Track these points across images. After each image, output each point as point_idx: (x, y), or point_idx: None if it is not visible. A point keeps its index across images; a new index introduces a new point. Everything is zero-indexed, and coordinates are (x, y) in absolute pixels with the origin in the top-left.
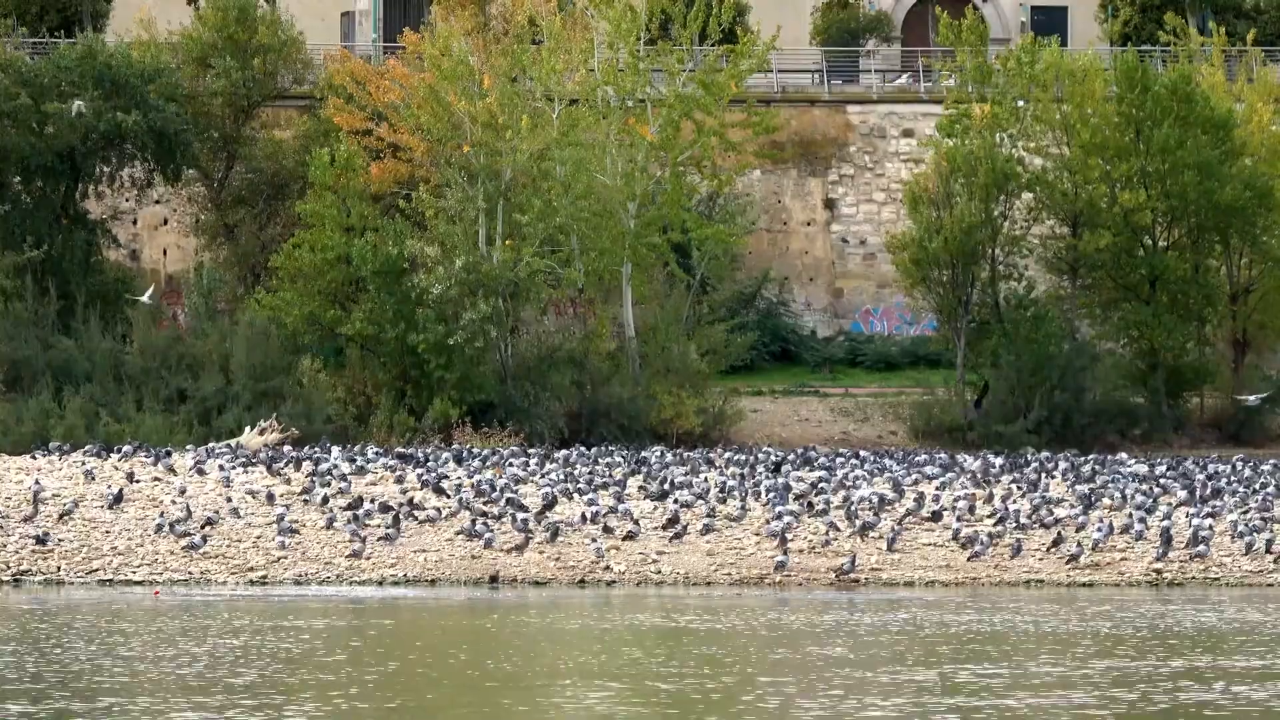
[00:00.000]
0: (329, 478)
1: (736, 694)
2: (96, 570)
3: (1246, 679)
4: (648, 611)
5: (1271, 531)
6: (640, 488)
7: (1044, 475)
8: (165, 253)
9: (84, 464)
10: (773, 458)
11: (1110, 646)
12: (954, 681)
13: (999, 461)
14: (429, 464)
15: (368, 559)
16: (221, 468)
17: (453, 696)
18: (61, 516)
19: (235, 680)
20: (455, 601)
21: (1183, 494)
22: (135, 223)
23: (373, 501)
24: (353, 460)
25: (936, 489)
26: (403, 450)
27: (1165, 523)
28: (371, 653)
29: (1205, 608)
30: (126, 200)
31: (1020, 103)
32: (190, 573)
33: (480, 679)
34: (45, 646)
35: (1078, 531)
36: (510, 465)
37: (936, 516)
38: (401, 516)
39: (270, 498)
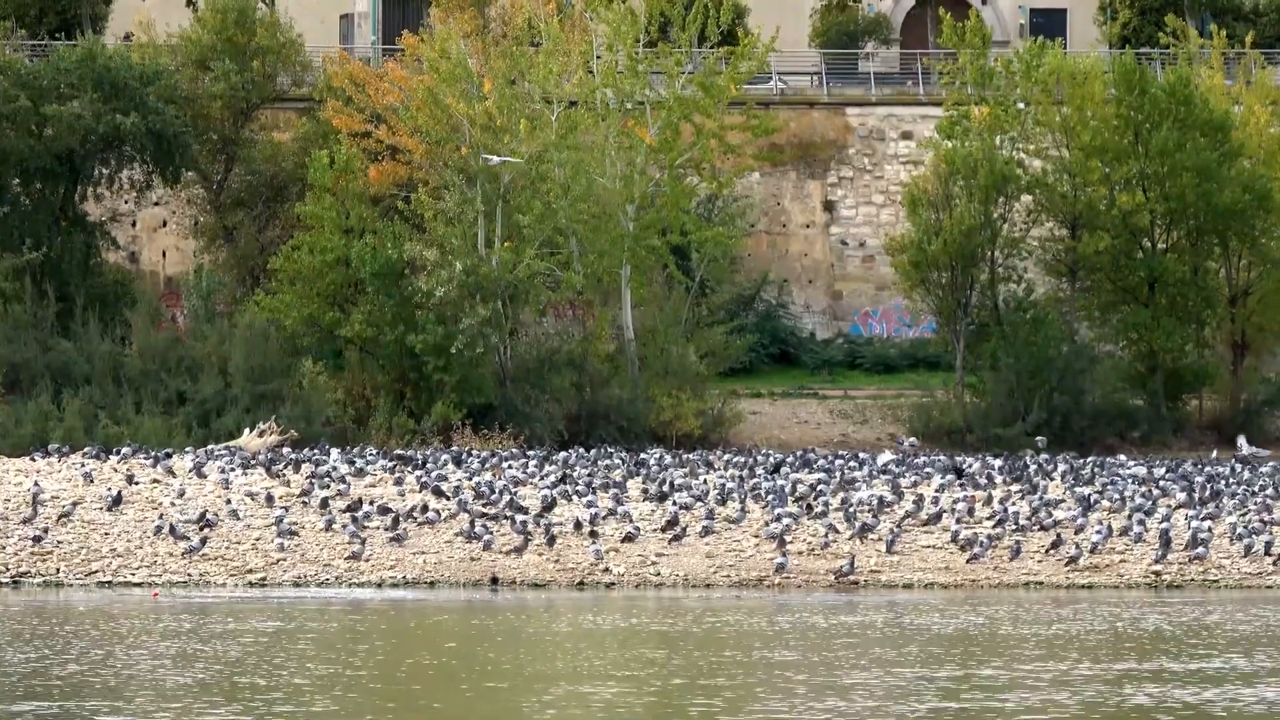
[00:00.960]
0: (328, 480)
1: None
2: (96, 572)
3: (1187, 681)
4: (636, 615)
5: (1270, 534)
6: (643, 489)
7: (1043, 477)
8: (164, 255)
9: (83, 466)
10: (772, 460)
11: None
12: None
13: (998, 463)
14: (428, 466)
15: (367, 561)
16: (221, 470)
17: (452, 697)
18: (60, 518)
19: (235, 681)
20: (455, 603)
21: (1181, 496)
22: (134, 225)
23: (372, 503)
24: (352, 462)
25: (936, 491)
26: (402, 452)
27: (1164, 525)
28: (372, 653)
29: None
30: (125, 202)
31: (1020, 105)
32: (189, 575)
33: (480, 679)
34: (46, 647)
35: (1077, 534)
36: (509, 467)
37: (936, 518)
38: (401, 518)
39: (269, 500)
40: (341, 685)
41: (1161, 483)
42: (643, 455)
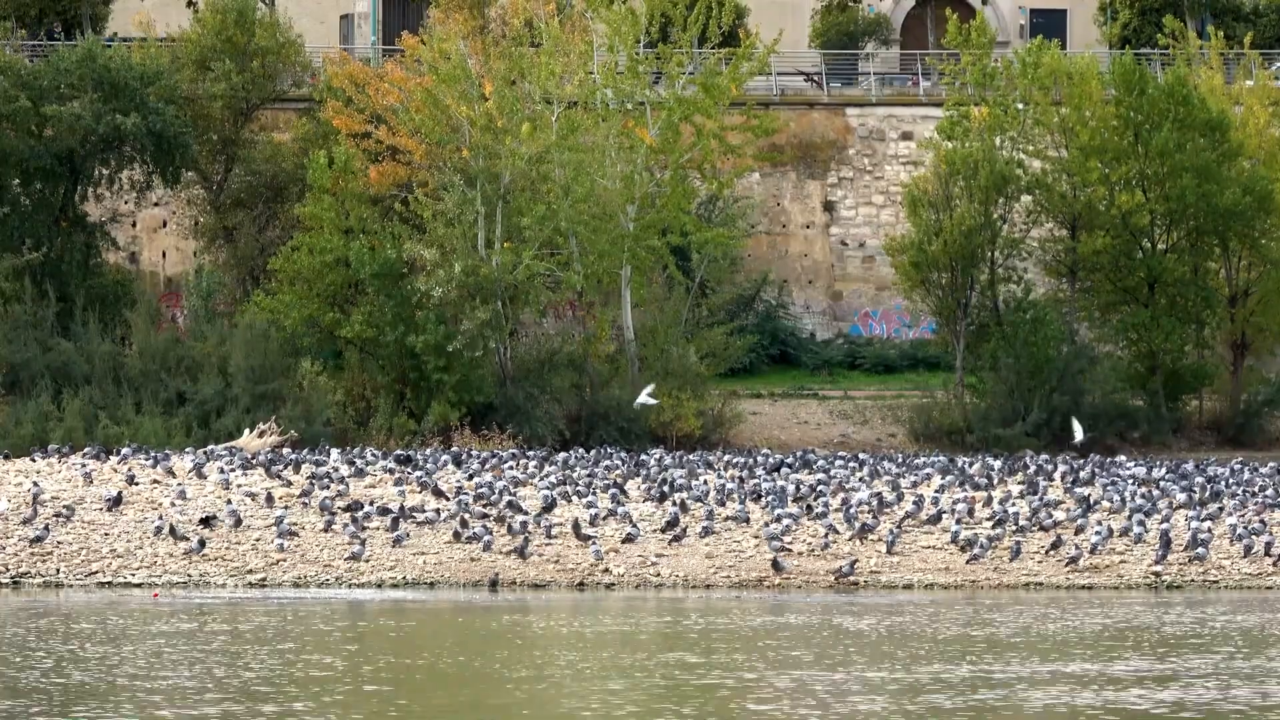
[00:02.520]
0: (328, 480)
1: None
2: (96, 572)
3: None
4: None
5: (1270, 534)
6: (644, 490)
7: (1043, 478)
8: (164, 255)
9: (83, 466)
10: (772, 460)
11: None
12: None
13: (998, 464)
14: (428, 467)
15: (367, 561)
16: (221, 470)
17: (454, 697)
18: (60, 518)
19: (236, 681)
20: (455, 603)
21: (1181, 497)
22: (134, 225)
23: (372, 504)
24: (352, 463)
25: (936, 491)
26: (402, 453)
27: (1164, 525)
28: (373, 653)
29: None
30: (125, 203)
31: (1020, 105)
32: (189, 575)
33: (480, 680)
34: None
35: (1077, 534)
36: (509, 468)
37: (936, 519)
38: (401, 519)
39: (269, 500)
40: (341, 685)
41: (1161, 483)
42: (643, 456)
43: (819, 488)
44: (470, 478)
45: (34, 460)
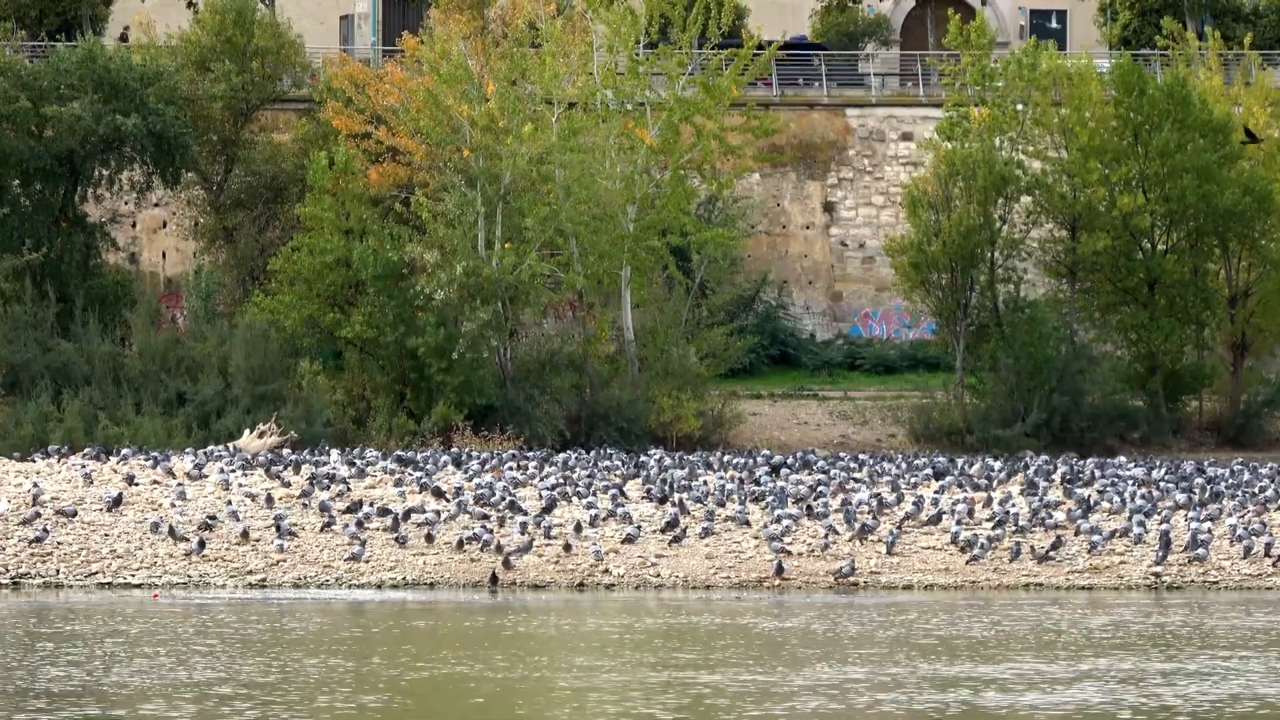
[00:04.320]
0: (328, 481)
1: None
2: (95, 573)
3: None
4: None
5: (1270, 535)
6: (647, 490)
7: (1043, 479)
8: (164, 256)
9: (83, 467)
10: (772, 460)
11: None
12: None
13: (998, 465)
14: (428, 467)
15: (367, 562)
16: (221, 471)
17: (453, 698)
18: (59, 518)
19: (233, 682)
20: (454, 604)
21: (1181, 497)
22: (134, 226)
23: (371, 505)
24: (352, 463)
25: (935, 492)
26: (402, 454)
27: (1164, 526)
28: (376, 653)
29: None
30: (125, 203)
31: (1019, 106)
32: (189, 575)
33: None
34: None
35: (1076, 535)
36: (509, 469)
37: (936, 520)
38: (400, 520)
39: (269, 500)
40: (342, 685)
41: (1161, 484)
42: (643, 457)
43: (819, 488)
44: (470, 478)
45: (34, 461)
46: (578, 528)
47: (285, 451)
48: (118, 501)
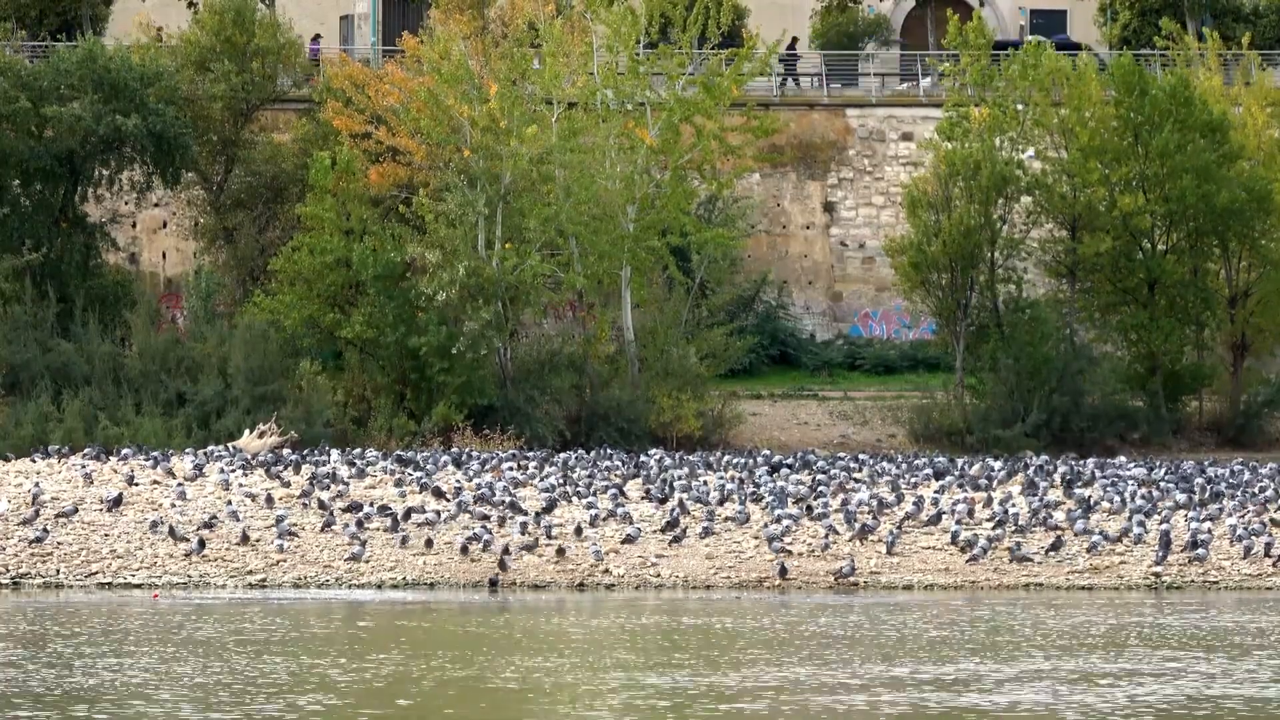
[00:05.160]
0: (328, 481)
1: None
2: (95, 573)
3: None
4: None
5: (1270, 535)
6: (646, 490)
7: (1042, 479)
8: (164, 256)
9: (83, 467)
10: (772, 461)
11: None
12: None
13: (998, 465)
14: (428, 467)
15: (367, 562)
16: (221, 471)
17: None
18: (60, 519)
19: (234, 682)
20: (453, 604)
21: (1181, 497)
22: (134, 226)
23: (371, 505)
24: (352, 464)
25: (935, 492)
26: (402, 454)
27: (1164, 526)
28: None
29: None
30: (125, 203)
31: (1019, 106)
32: (189, 576)
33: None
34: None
35: (1076, 535)
36: (509, 469)
37: (936, 520)
38: (401, 520)
39: (269, 501)
40: (342, 685)
41: (1161, 484)
42: (643, 457)
43: (819, 488)
44: (470, 478)
45: (34, 461)
46: (578, 529)
47: (285, 452)
48: (118, 502)
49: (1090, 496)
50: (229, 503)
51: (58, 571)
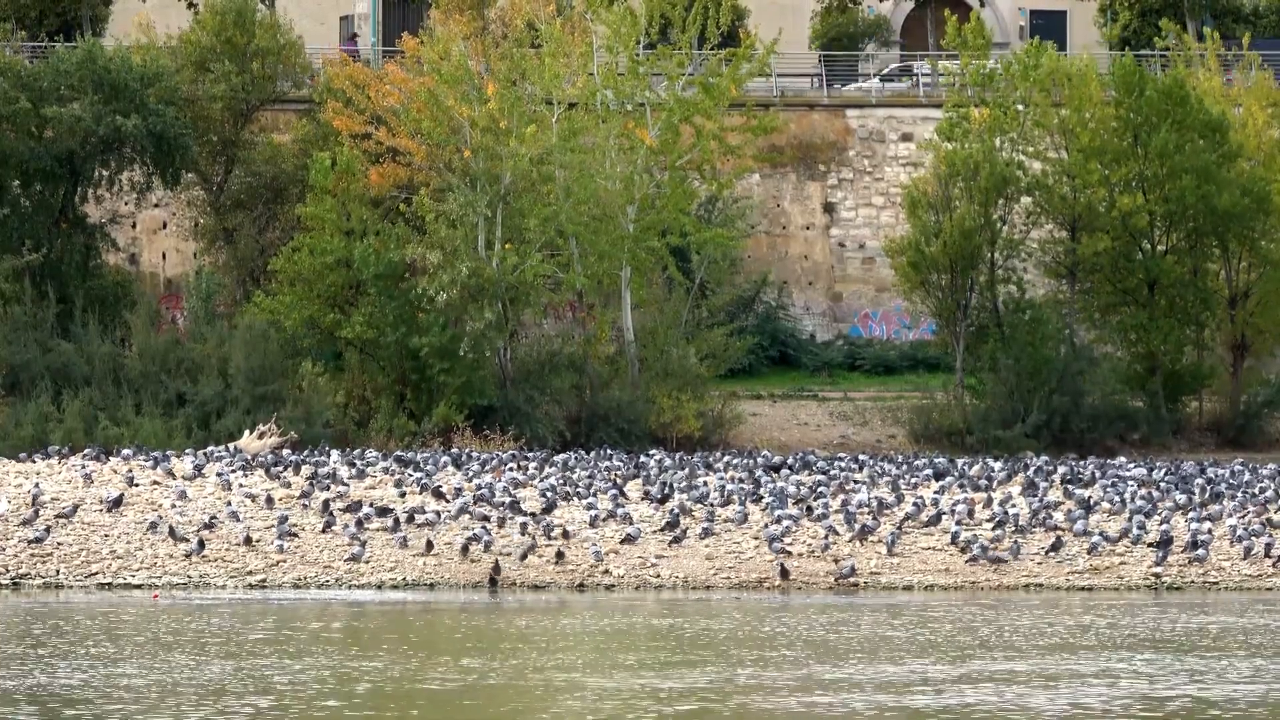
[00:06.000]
0: (328, 481)
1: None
2: (95, 574)
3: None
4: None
5: (1270, 536)
6: (646, 491)
7: (1042, 479)
8: (164, 256)
9: (83, 467)
10: (772, 461)
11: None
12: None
13: (998, 465)
14: (428, 468)
15: (367, 563)
16: (220, 472)
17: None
18: (60, 519)
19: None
20: (452, 604)
21: (1181, 498)
22: (134, 226)
23: (371, 505)
24: (352, 464)
25: (935, 493)
26: (402, 454)
27: (1164, 527)
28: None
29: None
30: (125, 204)
31: (1020, 107)
32: (189, 576)
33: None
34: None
35: (1076, 536)
36: (509, 469)
37: (936, 520)
38: (401, 520)
39: (269, 501)
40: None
41: (1161, 484)
42: (643, 457)
43: (819, 489)
44: (470, 479)
45: (34, 461)
46: (566, 533)
47: (285, 452)
48: (118, 502)
49: (1090, 497)
50: (229, 503)
51: (58, 572)
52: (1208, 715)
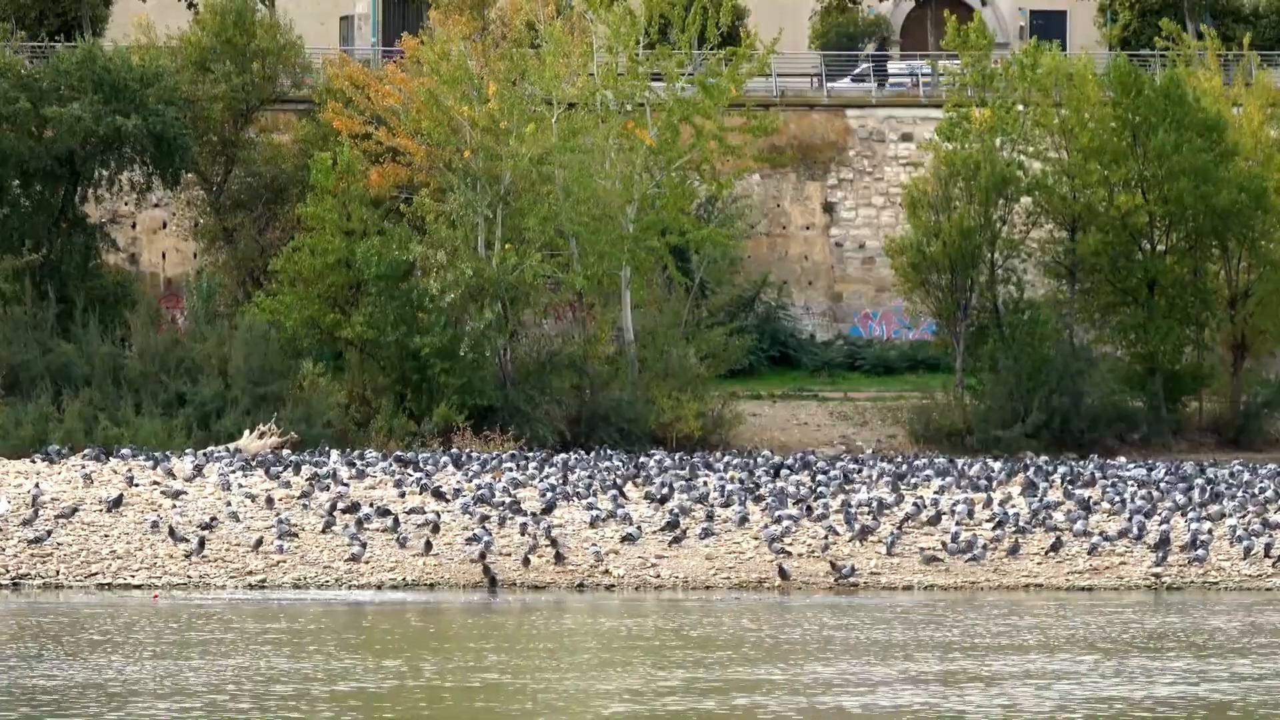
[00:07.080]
0: (328, 482)
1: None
2: (95, 574)
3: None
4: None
5: (1270, 536)
6: (646, 491)
7: (1042, 480)
8: (164, 256)
9: (83, 468)
10: (772, 461)
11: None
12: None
13: (998, 466)
14: (428, 468)
15: (367, 563)
16: (220, 472)
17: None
18: (60, 520)
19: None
20: (451, 605)
21: (1181, 498)
22: (134, 226)
23: (371, 505)
24: (352, 464)
25: (935, 493)
26: (402, 454)
27: (1164, 527)
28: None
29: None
30: (125, 204)
31: (1020, 107)
32: (189, 576)
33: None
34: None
35: (1076, 536)
36: (509, 469)
37: (936, 520)
38: (400, 520)
39: (269, 501)
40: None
41: (1161, 484)
42: (643, 458)
43: (819, 489)
44: (470, 479)
45: (34, 462)
46: (552, 536)
47: (285, 452)
48: (118, 502)
49: (1090, 497)
50: (229, 504)
51: (58, 572)
52: (1207, 715)
